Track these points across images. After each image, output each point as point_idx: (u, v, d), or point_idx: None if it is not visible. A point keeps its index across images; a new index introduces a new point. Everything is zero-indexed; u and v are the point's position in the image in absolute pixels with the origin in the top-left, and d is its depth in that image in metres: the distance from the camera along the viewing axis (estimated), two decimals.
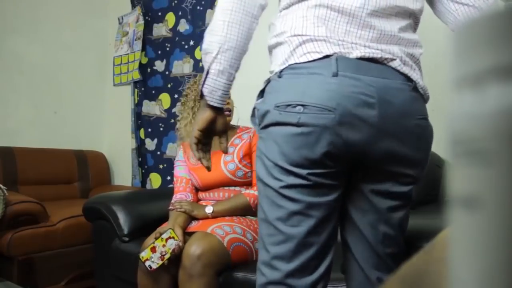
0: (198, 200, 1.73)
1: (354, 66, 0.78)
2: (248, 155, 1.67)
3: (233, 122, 1.79)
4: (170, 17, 2.84)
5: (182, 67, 2.76)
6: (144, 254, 1.37)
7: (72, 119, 3.00)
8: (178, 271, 1.38)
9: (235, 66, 0.91)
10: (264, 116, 0.84)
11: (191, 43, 2.71)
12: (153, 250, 1.37)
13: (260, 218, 0.88)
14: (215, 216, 1.55)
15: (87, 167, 2.82)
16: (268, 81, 0.88)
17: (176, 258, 1.39)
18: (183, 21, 2.77)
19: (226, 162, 1.66)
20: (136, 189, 2.70)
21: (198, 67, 2.65)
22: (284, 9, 0.86)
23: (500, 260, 0.11)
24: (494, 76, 0.12)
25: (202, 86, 0.91)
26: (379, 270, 0.89)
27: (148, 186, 2.88)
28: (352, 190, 0.88)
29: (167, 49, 2.84)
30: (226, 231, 1.44)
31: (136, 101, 2.96)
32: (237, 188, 1.66)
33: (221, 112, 0.97)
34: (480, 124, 0.12)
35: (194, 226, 1.53)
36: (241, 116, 1.91)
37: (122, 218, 1.75)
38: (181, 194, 1.69)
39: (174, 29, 2.81)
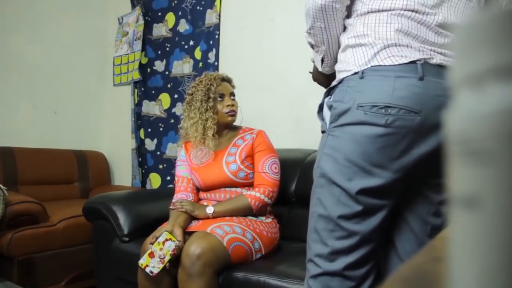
0: (199, 200, 1.73)
1: (435, 71, 0.82)
2: (250, 156, 1.67)
3: (237, 122, 1.79)
4: (170, 17, 2.83)
5: (182, 67, 2.76)
6: (143, 261, 1.37)
7: (72, 119, 3.00)
8: (178, 270, 1.38)
9: (336, 53, 1.00)
10: (342, 115, 0.86)
11: (191, 43, 2.71)
12: (151, 255, 1.36)
13: (318, 213, 0.90)
14: (216, 216, 1.55)
15: (87, 167, 2.82)
16: (341, 80, 0.90)
17: (176, 259, 1.39)
18: (183, 21, 2.77)
19: (228, 163, 1.65)
20: (136, 189, 2.70)
21: (198, 67, 2.65)
22: (365, 13, 0.88)
23: (500, 260, 0.11)
24: (494, 76, 0.12)
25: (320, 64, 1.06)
26: None
27: (148, 186, 2.87)
28: (407, 186, 0.91)
29: (167, 49, 2.84)
30: (225, 230, 1.44)
31: (136, 101, 2.96)
32: (238, 189, 1.66)
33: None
34: (480, 124, 0.12)
35: (194, 225, 1.53)
36: (244, 116, 1.91)
37: (122, 218, 1.75)
38: (182, 194, 1.69)
39: (174, 29, 2.81)
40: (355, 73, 0.86)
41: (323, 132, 0.95)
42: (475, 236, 0.12)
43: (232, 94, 1.76)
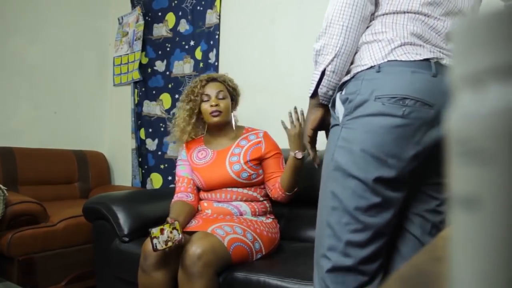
0: (200, 200, 1.73)
1: (445, 71, 0.87)
2: (256, 159, 1.67)
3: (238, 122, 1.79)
4: (170, 17, 2.83)
5: (182, 67, 2.76)
6: (155, 231, 1.38)
7: (72, 119, 3.00)
8: (178, 270, 1.38)
9: (346, 68, 0.95)
10: (359, 107, 0.88)
11: (191, 43, 2.71)
12: (161, 232, 1.38)
13: (331, 206, 0.90)
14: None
15: (87, 167, 2.82)
16: (354, 75, 0.92)
17: (177, 259, 1.38)
18: (183, 21, 2.77)
19: (232, 163, 1.65)
20: (136, 189, 2.70)
21: (198, 67, 2.66)
22: (384, 14, 0.91)
23: (499, 260, 0.11)
24: (494, 76, 0.12)
25: (317, 86, 0.97)
26: None
27: (149, 186, 2.87)
28: (411, 184, 0.93)
29: (168, 49, 2.84)
30: (226, 231, 1.44)
31: (136, 101, 2.96)
32: (240, 190, 1.66)
33: (327, 109, 1.01)
34: (480, 124, 0.12)
35: (194, 225, 1.53)
36: (244, 116, 1.92)
37: (122, 218, 1.75)
38: (182, 194, 1.69)
39: (174, 29, 2.81)
40: (371, 67, 0.88)
41: (333, 126, 0.95)
42: (475, 236, 0.12)
43: (220, 93, 1.72)
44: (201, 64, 2.63)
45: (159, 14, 2.89)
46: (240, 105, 1.87)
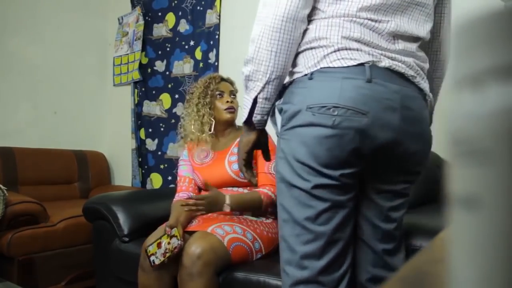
0: None
1: (383, 74, 0.83)
2: (254, 158, 1.67)
3: (238, 123, 1.79)
4: (170, 17, 2.84)
5: (182, 67, 2.76)
6: (151, 248, 1.38)
7: (72, 119, 3.00)
8: (178, 270, 1.38)
9: (279, 89, 0.92)
10: (293, 117, 0.85)
11: (191, 43, 2.71)
12: (159, 245, 1.38)
13: (283, 219, 0.89)
14: (232, 209, 1.53)
15: (87, 167, 2.82)
16: (291, 82, 0.90)
17: (176, 257, 1.39)
18: (183, 21, 2.77)
19: (231, 162, 1.66)
20: (136, 189, 2.70)
21: (198, 67, 2.66)
22: (319, 18, 0.87)
23: (500, 260, 0.11)
24: (493, 76, 0.12)
25: (250, 114, 0.93)
26: (375, 266, 0.95)
27: (149, 186, 2.88)
28: (360, 190, 0.92)
29: (168, 49, 2.84)
30: (226, 230, 1.44)
31: (136, 101, 2.96)
32: (240, 189, 1.66)
33: (262, 130, 1.01)
34: (480, 124, 0.12)
35: (194, 225, 1.54)
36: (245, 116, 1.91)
37: (122, 218, 1.75)
38: (183, 193, 1.70)
39: (174, 29, 2.81)
40: (305, 75, 0.86)
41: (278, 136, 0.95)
42: (475, 236, 0.12)
43: (233, 93, 1.77)
44: (201, 64, 2.63)
45: (159, 14, 2.89)
46: (240, 105, 1.88)
